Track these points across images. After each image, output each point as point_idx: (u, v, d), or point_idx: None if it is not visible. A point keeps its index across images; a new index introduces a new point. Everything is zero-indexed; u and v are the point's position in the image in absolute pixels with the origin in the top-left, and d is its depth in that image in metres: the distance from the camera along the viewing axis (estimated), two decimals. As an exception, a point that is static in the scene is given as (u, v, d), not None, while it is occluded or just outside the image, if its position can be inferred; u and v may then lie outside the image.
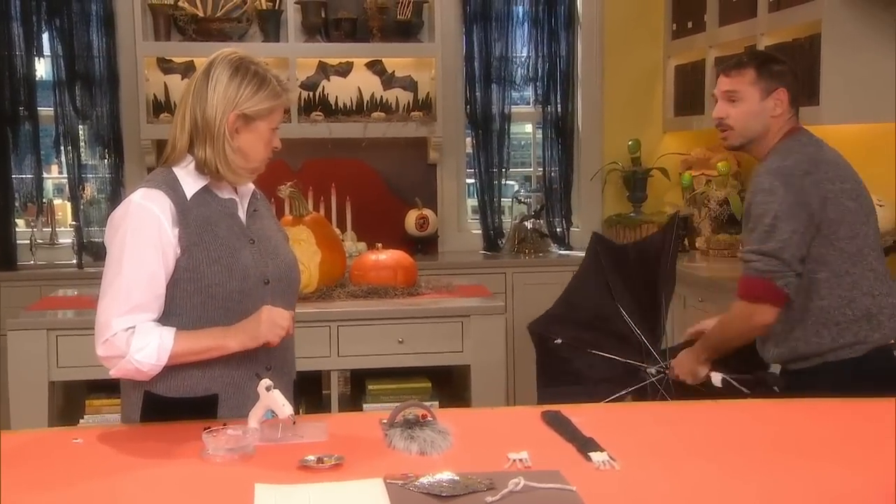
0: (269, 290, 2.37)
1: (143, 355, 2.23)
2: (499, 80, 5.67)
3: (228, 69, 2.31)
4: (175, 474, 1.95)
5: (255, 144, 2.33)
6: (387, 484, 1.83)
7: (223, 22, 5.43)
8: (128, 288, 2.24)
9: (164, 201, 2.28)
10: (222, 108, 2.29)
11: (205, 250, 2.29)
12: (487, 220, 5.71)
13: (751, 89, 2.79)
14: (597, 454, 2.00)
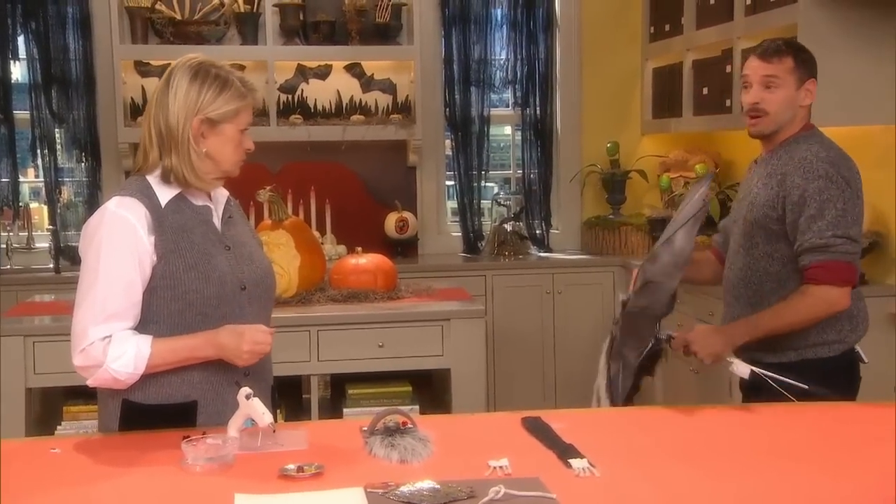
0: (246, 296, 2.36)
1: (120, 364, 2.22)
2: (478, 82, 5.67)
3: (188, 74, 2.30)
4: (154, 484, 1.94)
5: (223, 148, 2.32)
6: (367, 493, 1.83)
7: (201, 25, 5.41)
8: (104, 297, 2.23)
9: (138, 209, 2.27)
10: (184, 114, 2.28)
11: (181, 257, 2.28)
12: (467, 222, 5.71)
13: (789, 77, 2.77)
14: (577, 461, 2.00)
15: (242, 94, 2.32)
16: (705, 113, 5.06)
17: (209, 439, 2.06)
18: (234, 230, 2.43)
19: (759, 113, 2.79)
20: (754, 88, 2.80)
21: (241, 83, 2.33)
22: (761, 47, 2.83)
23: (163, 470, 2.01)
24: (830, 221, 2.69)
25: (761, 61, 2.80)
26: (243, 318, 2.34)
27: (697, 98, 5.16)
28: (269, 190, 4.05)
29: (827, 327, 2.79)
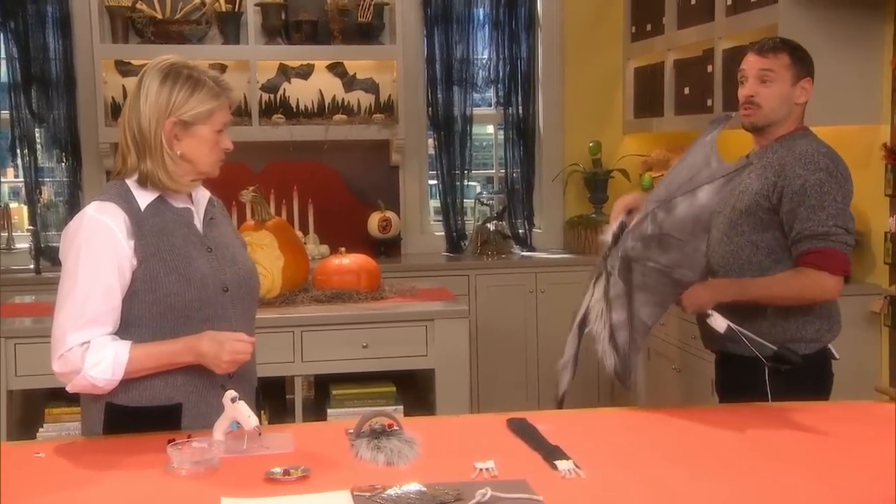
0: (229, 298, 2.36)
1: (98, 371, 2.22)
2: (460, 82, 5.67)
3: (158, 77, 2.28)
4: (140, 488, 1.93)
5: (198, 150, 2.30)
6: (354, 496, 1.83)
7: (182, 24, 5.39)
8: (83, 302, 2.22)
9: (117, 214, 2.26)
10: (155, 117, 2.27)
11: (161, 260, 2.28)
12: (450, 221, 5.72)
13: (785, 73, 2.82)
14: (562, 462, 2.01)
15: (216, 94, 2.29)
16: (687, 112, 5.08)
17: (195, 443, 2.06)
18: (216, 231, 2.42)
19: (753, 105, 2.83)
20: (750, 82, 2.85)
21: (214, 83, 2.30)
22: (759, 43, 2.89)
23: (148, 474, 2.00)
24: (831, 213, 2.73)
25: (758, 56, 2.85)
26: (226, 320, 2.33)
27: (679, 98, 5.18)
28: (251, 190, 4.04)
29: (806, 325, 2.82)
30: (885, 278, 4.14)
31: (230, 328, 2.33)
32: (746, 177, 2.88)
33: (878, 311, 4.12)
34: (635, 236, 2.52)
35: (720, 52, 4.65)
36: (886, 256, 4.08)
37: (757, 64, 2.85)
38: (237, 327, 2.35)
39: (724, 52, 4.63)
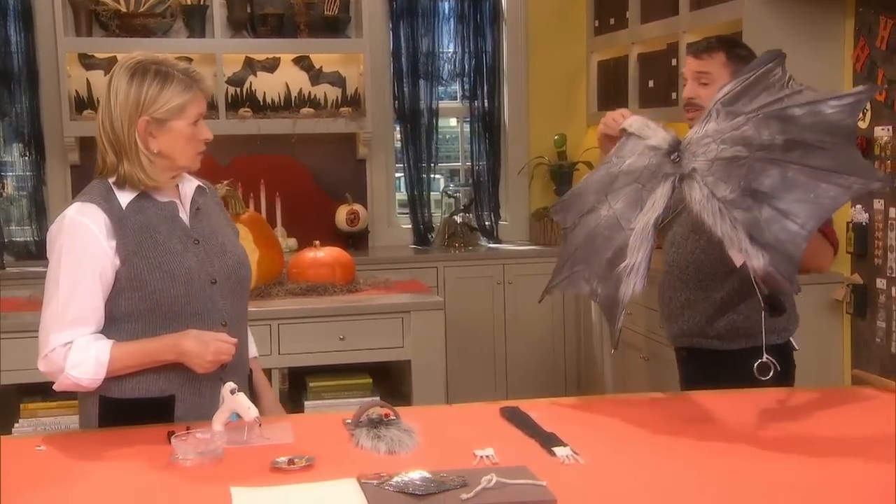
0: (218, 290, 2.37)
1: (80, 371, 2.25)
2: (426, 75, 5.71)
3: (126, 75, 2.28)
4: (148, 480, 1.95)
5: (175, 145, 2.30)
6: (362, 484, 1.86)
7: (147, 17, 5.35)
8: (64, 303, 2.25)
9: (97, 215, 2.27)
10: (127, 117, 2.27)
11: (144, 258, 2.29)
12: (417, 214, 5.75)
13: (722, 71, 2.82)
14: (560, 449, 2.06)
15: (187, 87, 2.28)
16: (651, 105, 5.16)
17: (198, 434, 2.08)
18: (204, 222, 2.42)
19: (696, 107, 2.85)
20: (689, 84, 2.89)
21: (185, 75, 2.29)
22: (695, 45, 2.93)
23: (153, 465, 2.02)
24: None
25: (694, 58, 2.89)
26: (216, 312, 2.35)
27: (643, 91, 5.25)
28: (225, 184, 4.04)
29: (789, 315, 2.88)
30: (847, 267, 4.25)
31: (220, 320, 2.35)
32: None
33: (840, 299, 4.23)
34: (736, 139, 2.32)
35: (685, 45, 4.71)
36: (849, 246, 4.18)
37: (694, 66, 2.88)
38: (228, 319, 2.37)
39: (688, 45, 4.69)
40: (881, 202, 4.00)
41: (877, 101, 4.01)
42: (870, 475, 1.92)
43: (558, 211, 2.64)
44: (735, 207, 2.24)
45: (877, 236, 4.05)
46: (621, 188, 2.45)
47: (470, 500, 1.79)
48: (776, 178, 2.23)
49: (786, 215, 2.20)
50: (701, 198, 2.30)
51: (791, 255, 2.18)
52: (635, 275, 2.32)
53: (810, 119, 2.27)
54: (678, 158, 2.38)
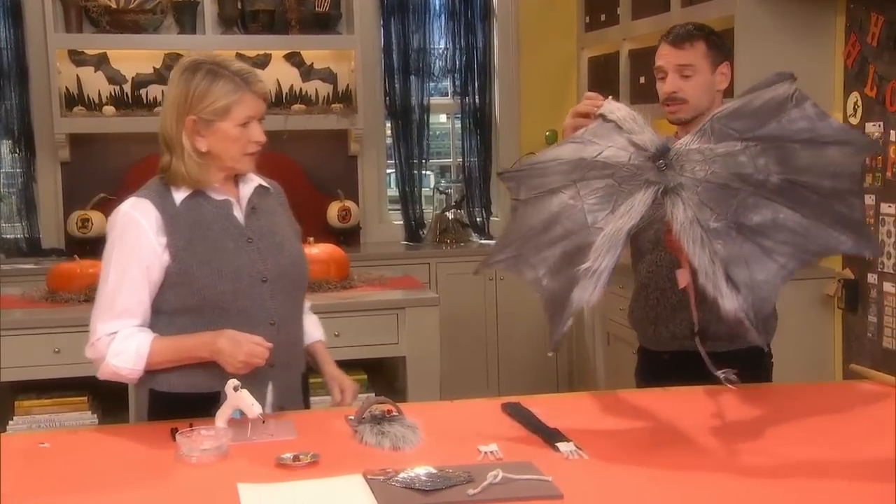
0: (268, 289, 2.38)
1: (120, 360, 2.28)
2: (417, 71, 5.71)
3: (178, 73, 2.32)
4: (154, 476, 1.96)
5: (221, 145, 2.31)
6: (368, 480, 1.87)
7: (137, 13, 5.34)
8: (112, 295, 2.30)
9: (150, 211, 2.30)
10: (175, 115, 2.31)
11: (194, 254, 2.31)
12: (408, 210, 5.76)
13: (704, 62, 2.73)
14: (564, 444, 2.07)
15: (236, 88, 2.29)
16: (643, 102, 5.16)
17: (202, 431, 2.08)
18: (261, 221, 2.42)
19: (679, 101, 2.74)
20: (670, 77, 2.75)
21: (236, 75, 2.30)
22: (672, 33, 2.79)
23: (158, 462, 2.02)
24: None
25: (673, 48, 2.76)
26: (264, 311, 2.36)
27: (634, 87, 5.27)
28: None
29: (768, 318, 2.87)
30: (838, 262, 4.27)
31: (269, 319, 2.36)
32: None
33: (832, 294, 4.25)
34: (729, 164, 2.17)
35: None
36: (840, 241, 4.20)
37: (674, 58, 2.75)
38: (278, 318, 2.38)
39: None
40: (872, 198, 4.03)
41: (868, 97, 4.03)
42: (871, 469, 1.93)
43: (512, 179, 2.40)
44: (717, 238, 2.10)
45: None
46: (594, 180, 2.24)
47: (477, 495, 1.80)
48: (766, 217, 2.12)
49: (769, 253, 2.10)
50: (684, 220, 2.14)
51: (765, 298, 2.08)
52: (595, 281, 2.13)
53: (809, 159, 2.15)
54: (664, 167, 2.19)
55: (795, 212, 2.11)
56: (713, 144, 2.19)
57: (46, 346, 3.65)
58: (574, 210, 2.23)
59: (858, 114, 4.10)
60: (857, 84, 4.10)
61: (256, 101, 2.33)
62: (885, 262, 3.98)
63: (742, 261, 2.09)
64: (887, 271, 3.97)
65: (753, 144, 2.17)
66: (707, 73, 2.74)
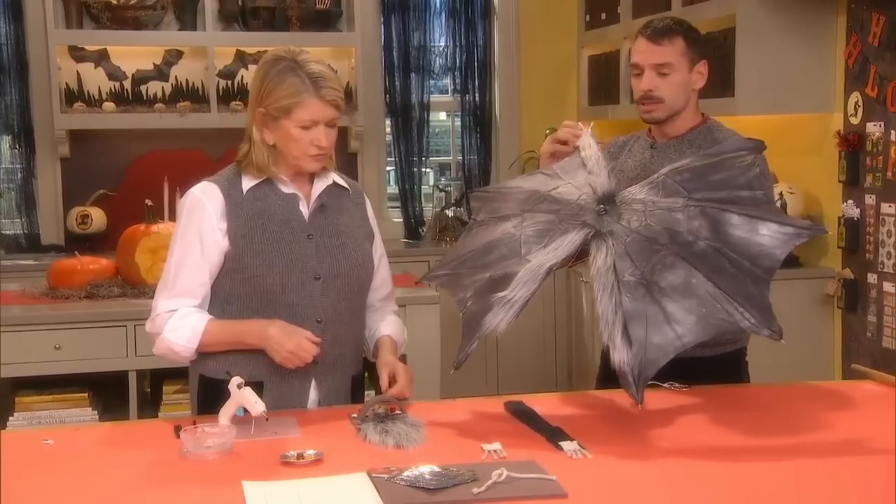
0: (320, 287, 2.38)
1: (175, 336, 2.34)
2: (417, 69, 5.72)
3: (261, 66, 2.36)
4: (158, 473, 1.96)
5: (283, 141, 2.34)
6: (372, 478, 1.87)
7: (137, 9, 5.34)
8: (174, 274, 2.37)
9: (216, 195, 2.35)
10: (252, 105, 2.36)
11: (251, 242, 2.34)
12: (408, 208, 5.76)
13: (681, 60, 2.64)
14: (567, 443, 2.07)
15: (300, 90, 2.28)
16: (642, 100, 5.18)
17: (206, 428, 2.08)
18: (327, 219, 2.42)
19: (655, 100, 2.65)
20: (646, 75, 2.65)
21: (308, 77, 2.28)
22: (650, 28, 2.67)
23: (162, 459, 2.02)
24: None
25: (651, 44, 2.65)
26: (312, 308, 2.37)
27: (634, 86, 5.26)
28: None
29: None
30: (838, 262, 4.29)
31: (316, 317, 2.37)
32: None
33: (831, 293, 4.26)
34: (665, 220, 2.19)
35: (677, 41, 4.73)
36: (840, 241, 4.22)
37: (652, 56, 2.64)
38: (326, 316, 2.38)
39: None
40: (873, 197, 4.04)
41: (869, 98, 4.04)
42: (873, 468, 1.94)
43: (477, 199, 2.48)
44: (627, 291, 2.13)
45: (868, 231, 4.08)
46: (540, 213, 2.30)
47: (481, 494, 1.80)
48: (679, 279, 2.12)
49: (669, 320, 2.10)
50: (601, 266, 2.18)
51: (653, 361, 2.09)
52: (507, 310, 2.20)
53: (742, 233, 2.15)
54: (604, 212, 2.23)
55: (709, 280, 2.12)
56: (658, 198, 2.22)
57: (47, 342, 3.65)
58: (512, 239, 2.29)
59: (859, 114, 4.10)
60: (858, 84, 4.11)
61: (324, 106, 2.30)
62: (885, 262, 3.99)
63: (643, 319, 2.11)
64: (887, 271, 3.98)
65: (694, 205, 2.18)
66: (684, 71, 2.66)
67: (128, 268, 3.92)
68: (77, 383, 3.75)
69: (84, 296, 3.86)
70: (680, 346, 2.09)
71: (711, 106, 4.49)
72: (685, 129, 2.73)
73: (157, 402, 3.83)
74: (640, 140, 2.85)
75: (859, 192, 4.12)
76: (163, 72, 5.47)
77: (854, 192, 4.15)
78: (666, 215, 2.19)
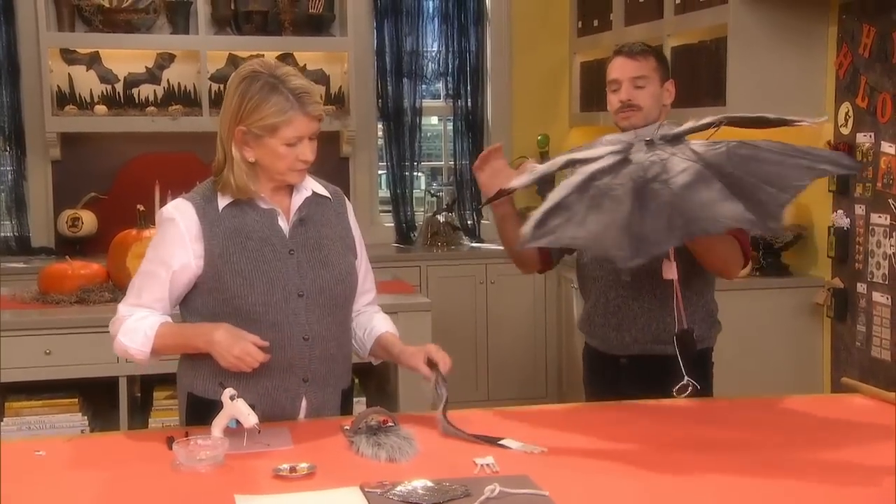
0: (304, 304, 2.35)
1: (129, 339, 2.34)
2: (410, 74, 5.73)
3: (236, 81, 2.30)
4: (150, 485, 1.96)
5: (268, 159, 2.30)
6: (366, 493, 1.87)
7: (130, 13, 5.33)
8: (139, 286, 2.38)
9: (189, 215, 2.32)
10: (228, 123, 2.30)
11: (228, 262, 2.31)
12: (399, 213, 5.77)
13: (655, 75, 2.85)
14: (511, 441, 2.11)
15: (286, 108, 2.24)
16: (634, 107, 5.19)
17: (198, 440, 2.08)
18: (308, 233, 2.39)
19: (634, 108, 2.83)
20: (625, 86, 2.84)
21: (291, 94, 2.25)
22: (626, 47, 2.91)
23: (154, 471, 2.02)
24: None
25: (629, 59, 2.86)
26: (296, 326, 2.34)
27: (626, 92, 5.28)
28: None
29: (715, 323, 2.91)
30: (827, 271, 4.31)
31: (302, 334, 2.34)
32: None
33: (821, 302, 4.28)
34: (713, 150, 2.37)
35: (669, 49, 4.75)
36: (830, 250, 4.24)
37: (629, 70, 2.85)
38: (312, 334, 2.35)
39: (672, 49, 4.74)
40: (862, 207, 4.06)
41: (859, 108, 4.06)
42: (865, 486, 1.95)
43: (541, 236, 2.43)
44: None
45: (858, 241, 4.10)
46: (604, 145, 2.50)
47: (474, 509, 1.81)
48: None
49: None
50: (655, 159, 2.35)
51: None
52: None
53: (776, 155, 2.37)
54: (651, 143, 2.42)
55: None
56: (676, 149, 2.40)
57: (37, 347, 3.65)
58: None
59: (850, 124, 4.13)
60: (849, 94, 4.13)
61: (309, 122, 2.28)
62: (875, 272, 4.01)
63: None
64: (876, 281, 4.00)
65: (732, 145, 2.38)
66: (657, 85, 2.87)
67: (119, 273, 3.92)
68: (67, 389, 3.75)
69: (75, 301, 3.86)
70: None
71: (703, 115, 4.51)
72: None
73: (147, 407, 3.83)
74: None
75: (849, 201, 4.14)
76: (155, 75, 5.47)
77: (844, 202, 4.17)
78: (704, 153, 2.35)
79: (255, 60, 2.36)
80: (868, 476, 1.98)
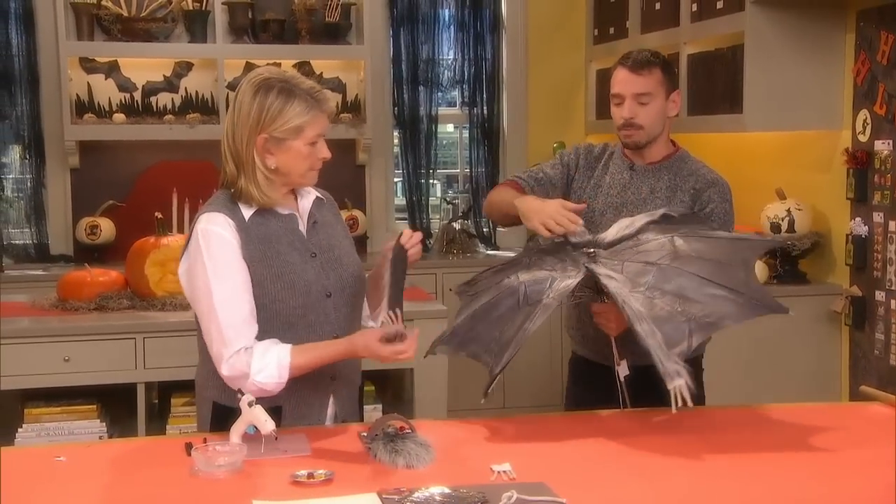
0: (332, 303, 2.40)
1: (264, 376, 2.28)
2: (426, 82, 5.74)
3: (251, 91, 2.31)
4: (168, 492, 1.97)
5: (292, 163, 2.33)
6: (383, 499, 1.88)
7: (148, 22, 5.36)
8: (227, 313, 2.29)
9: (227, 222, 2.32)
10: (247, 134, 2.30)
11: (267, 267, 2.33)
12: (415, 220, 5.78)
13: (660, 89, 2.80)
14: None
15: (308, 108, 2.29)
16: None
17: (217, 446, 2.09)
18: (321, 234, 2.45)
19: (635, 126, 2.80)
20: (627, 103, 2.79)
21: (308, 95, 2.30)
22: (631, 59, 2.83)
23: (173, 477, 2.03)
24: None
25: (632, 74, 2.80)
26: (328, 325, 2.39)
27: (642, 100, 5.27)
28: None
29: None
30: (845, 279, 4.29)
31: (333, 333, 2.39)
32: (643, 192, 2.85)
33: (839, 310, 4.27)
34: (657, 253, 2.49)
35: (685, 57, 4.75)
36: (847, 258, 4.22)
37: (633, 86, 2.79)
38: (341, 331, 2.40)
39: (688, 56, 4.74)
40: (881, 215, 4.04)
41: (877, 115, 4.05)
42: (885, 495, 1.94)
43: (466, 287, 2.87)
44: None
45: (876, 249, 4.09)
46: (535, 269, 2.72)
47: (491, 516, 1.81)
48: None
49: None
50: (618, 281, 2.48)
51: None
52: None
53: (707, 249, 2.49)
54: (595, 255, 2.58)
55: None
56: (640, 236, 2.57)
57: (56, 354, 3.66)
58: (514, 292, 2.80)
59: (867, 131, 4.11)
60: (867, 101, 4.12)
61: (326, 119, 2.36)
62: (893, 280, 3.99)
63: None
64: (894, 289, 3.98)
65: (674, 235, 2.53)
66: (661, 99, 2.83)
67: (137, 280, 3.93)
68: (86, 395, 3.75)
69: (93, 308, 3.87)
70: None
71: (720, 122, 4.54)
72: (660, 156, 2.89)
73: (165, 414, 3.84)
74: (615, 158, 2.95)
75: (867, 209, 4.13)
76: (173, 83, 5.50)
77: (862, 210, 4.16)
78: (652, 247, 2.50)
79: (257, 70, 2.38)
80: (888, 484, 1.97)
